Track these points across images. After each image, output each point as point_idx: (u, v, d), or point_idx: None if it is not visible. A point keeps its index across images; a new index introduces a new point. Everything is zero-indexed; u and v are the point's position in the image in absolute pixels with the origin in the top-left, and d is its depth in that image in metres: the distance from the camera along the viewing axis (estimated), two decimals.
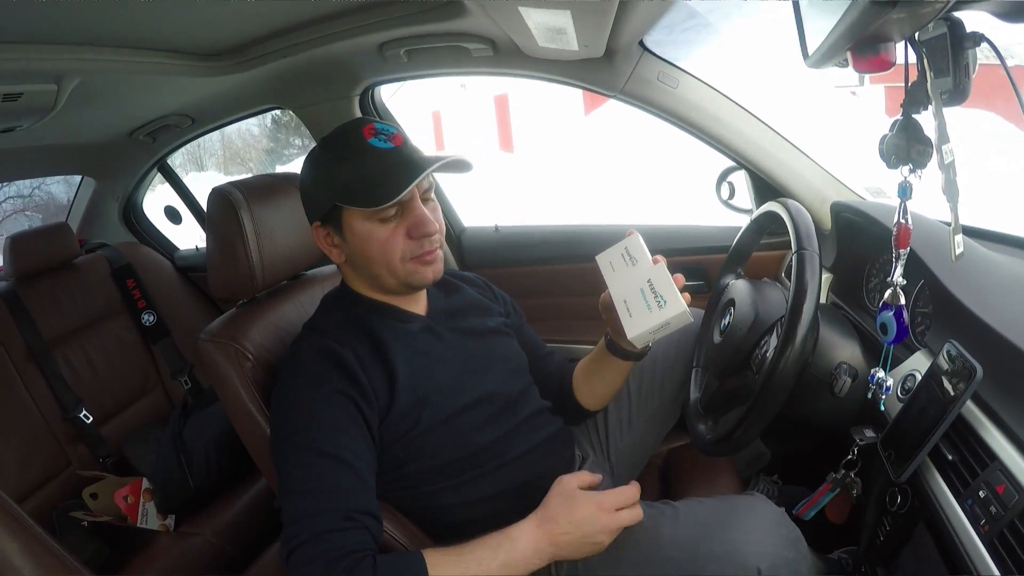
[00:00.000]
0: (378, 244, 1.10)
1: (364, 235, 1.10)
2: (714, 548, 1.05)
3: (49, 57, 1.30)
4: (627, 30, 1.43)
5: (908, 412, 0.99)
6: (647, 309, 1.08)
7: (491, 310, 1.35)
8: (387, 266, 1.11)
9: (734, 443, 1.12)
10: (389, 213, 1.08)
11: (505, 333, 1.33)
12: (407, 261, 1.11)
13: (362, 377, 1.06)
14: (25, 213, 10.94)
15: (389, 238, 1.09)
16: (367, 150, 1.08)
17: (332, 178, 1.09)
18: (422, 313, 1.23)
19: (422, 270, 1.13)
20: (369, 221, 1.09)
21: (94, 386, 2.08)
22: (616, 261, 1.18)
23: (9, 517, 0.93)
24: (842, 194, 1.65)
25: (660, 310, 1.07)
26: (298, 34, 1.58)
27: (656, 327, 1.07)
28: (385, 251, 1.10)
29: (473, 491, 1.17)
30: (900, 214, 0.96)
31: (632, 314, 1.10)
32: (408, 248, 1.11)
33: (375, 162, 1.08)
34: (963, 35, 0.74)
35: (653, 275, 1.11)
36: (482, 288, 1.39)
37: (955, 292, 1.06)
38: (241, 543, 1.76)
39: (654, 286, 1.10)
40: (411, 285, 1.16)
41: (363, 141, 1.09)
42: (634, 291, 1.11)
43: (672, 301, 1.06)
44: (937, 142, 0.79)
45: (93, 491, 1.84)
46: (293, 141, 18.85)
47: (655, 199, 6.70)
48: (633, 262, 1.16)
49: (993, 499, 0.78)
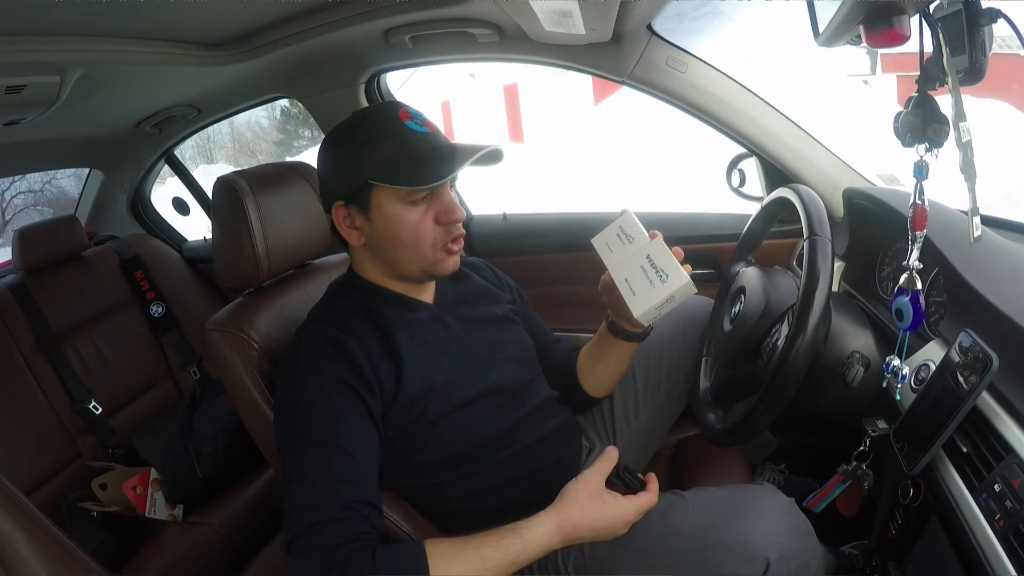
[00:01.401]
0: (409, 227, 1.08)
1: (394, 217, 1.08)
2: (723, 537, 1.04)
3: (51, 48, 1.29)
4: (634, 13, 1.41)
5: (922, 403, 0.97)
6: (650, 285, 1.07)
7: (499, 297, 1.33)
8: (416, 251, 1.10)
9: (744, 433, 1.11)
10: (420, 196, 1.07)
11: (513, 321, 1.32)
12: (438, 248, 1.11)
13: (366, 367, 1.05)
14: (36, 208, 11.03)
15: (420, 222, 1.08)
16: (405, 131, 1.08)
17: (367, 156, 1.07)
18: (430, 302, 1.22)
19: (447, 260, 1.13)
20: (400, 203, 1.07)
21: (103, 377, 2.09)
22: (612, 241, 1.17)
23: (16, 508, 0.93)
24: (854, 181, 1.63)
25: (663, 284, 1.06)
26: (302, 21, 1.57)
27: (661, 302, 1.06)
28: (415, 235, 1.09)
29: (479, 482, 1.16)
30: (916, 195, 0.94)
31: (635, 292, 1.09)
32: (438, 234, 1.10)
33: (415, 144, 1.07)
34: (979, 11, 0.72)
35: (651, 250, 1.10)
36: (487, 274, 1.38)
37: (970, 280, 1.03)
38: (248, 533, 1.76)
39: (653, 261, 1.08)
40: (433, 274, 1.15)
41: (400, 123, 1.08)
42: (634, 268, 1.10)
43: (674, 274, 1.05)
44: (954, 119, 0.77)
45: (102, 481, 1.85)
46: (302, 133, 18.89)
47: (665, 188, 6.67)
48: (629, 240, 1.14)
49: (1009, 493, 0.76)
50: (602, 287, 1.23)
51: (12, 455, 1.81)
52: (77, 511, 1.80)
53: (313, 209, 1.36)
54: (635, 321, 1.11)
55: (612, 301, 1.22)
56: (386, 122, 1.09)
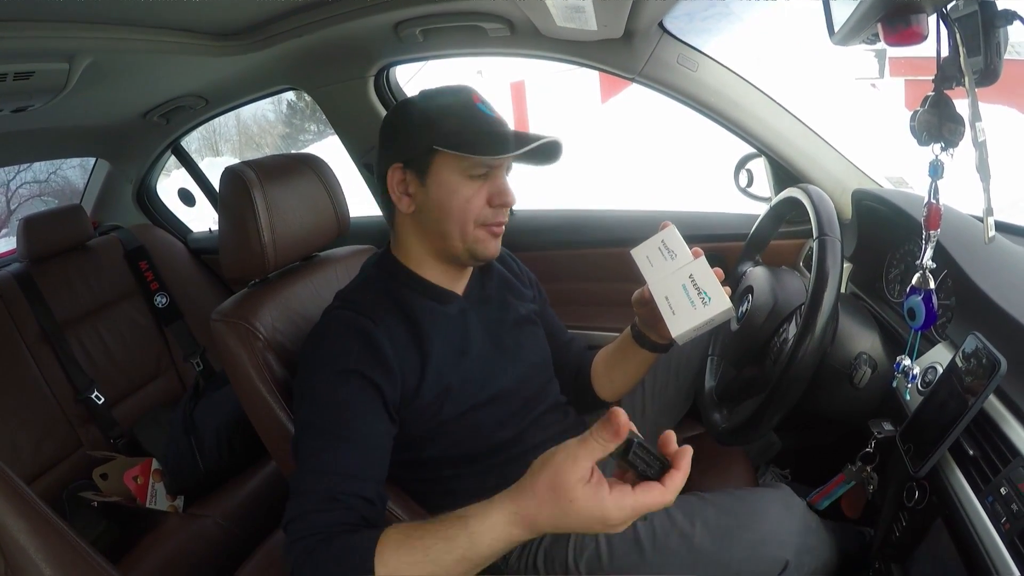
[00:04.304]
0: (462, 199, 1.09)
1: (451, 187, 1.09)
2: (746, 537, 1.06)
3: (60, 35, 1.29)
4: (647, 10, 1.40)
5: (928, 405, 0.96)
6: (691, 306, 1.02)
7: (523, 295, 1.33)
8: (461, 225, 1.11)
9: (749, 433, 1.11)
10: (479, 171, 1.09)
11: (533, 323, 1.32)
12: (480, 226, 1.11)
13: (392, 357, 1.05)
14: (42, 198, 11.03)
15: (473, 197, 1.10)
16: (475, 110, 1.11)
17: (438, 122, 1.09)
18: (460, 293, 1.22)
19: (489, 242, 1.14)
20: (459, 175, 1.09)
21: (107, 367, 2.09)
22: (653, 255, 1.11)
23: (17, 497, 0.92)
24: (863, 183, 1.62)
25: (704, 307, 1.01)
26: (312, 13, 1.57)
27: (701, 324, 1.01)
28: (465, 209, 1.10)
29: (480, 482, 1.15)
30: (931, 194, 0.93)
31: (676, 311, 1.04)
32: (485, 213, 1.11)
33: (484, 122, 1.10)
34: (994, 13, 0.72)
35: (695, 269, 1.05)
36: (512, 265, 1.38)
37: (979, 283, 1.03)
38: (249, 526, 1.76)
39: (696, 281, 1.03)
40: (475, 255, 1.14)
41: (472, 102, 1.11)
42: (675, 287, 1.05)
43: (716, 297, 1.01)
44: (970, 119, 0.77)
45: (103, 471, 1.85)
46: (308, 127, 18.85)
47: (672, 187, 6.66)
48: (672, 256, 1.09)
49: (1015, 496, 0.76)
50: (636, 300, 1.18)
51: (14, 444, 1.81)
52: (78, 500, 1.80)
53: (320, 201, 1.36)
54: (666, 335, 1.06)
55: (645, 313, 1.18)
56: (460, 99, 1.12)
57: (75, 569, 0.86)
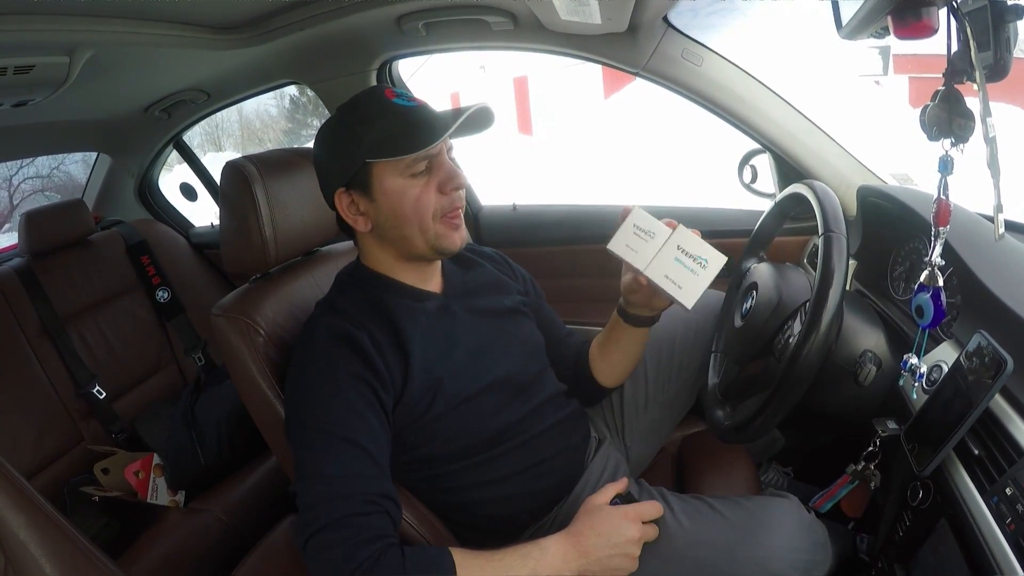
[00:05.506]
0: (412, 200, 1.08)
1: (397, 192, 1.08)
2: (752, 552, 1.08)
3: (61, 28, 1.29)
4: (651, 4, 1.39)
5: (933, 404, 0.96)
6: (692, 274, 1.07)
7: (509, 288, 1.33)
8: (420, 224, 1.10)
9: (753, 430, 1.10)
10: (420, 168, 1.07)
11: (522, 312, 1.31)
12: (438, 220, 1.10)
13: (378, 361, 1.05)
14: (44, 193, 11.05)
15: (422, 194, 1.08)
16: (393, 108, 1.09)
17: (360, 137, 1.08)
18: (437, 291, 1.22)
19: (450, 234, 1.12)
20: (401, 177, 1.08)
21: (108, 362, 2.09)
22: (631, 241, 1.12)
23: (17, 492, 0.92)
24: (868, 180, 1.61)
25: (705, 270, 1.06)
26: (315, 6, 1.56)
27: (708, 286, 1.07)
28: (418, 207, 1.09)
29: (483, 473, 1.16)
30: (940, 190, 0.92)
31: (681, 285, 1.07)
32: (441, 204, 1.10)
33: (403, 117, 1.08)
34: (1004, 8, 0.72)
35: (679, 240, 1.09)
36: (501, 264, 1.38)
37: (986, 281, 1.02)
38: (250, 520, 1.75)
39: (687, 250, 1.08)
40: (439, 249, 1.14)
41: (387, 100, 1.10)
42: (670, 263, 1.08)
43: (711, 257, 1.07)
44: (981, 114, 0.76)
45: (104, 466, 1.85)
46: (311, 122, 18.89)
47: (675, 182, 6.65)
48: (650, 236, 1.11)
49: (1020, 497, 0.76)
50: (627, 287, 1.20)
51: (15, 438, 1.80)
52: (79, 495, 1.81)
53: (322, 196, 1.35)
54: (653, 305, 1.18)
55: (639, 298, 1.20)
56: (374, 102, 1.10)
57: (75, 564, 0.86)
